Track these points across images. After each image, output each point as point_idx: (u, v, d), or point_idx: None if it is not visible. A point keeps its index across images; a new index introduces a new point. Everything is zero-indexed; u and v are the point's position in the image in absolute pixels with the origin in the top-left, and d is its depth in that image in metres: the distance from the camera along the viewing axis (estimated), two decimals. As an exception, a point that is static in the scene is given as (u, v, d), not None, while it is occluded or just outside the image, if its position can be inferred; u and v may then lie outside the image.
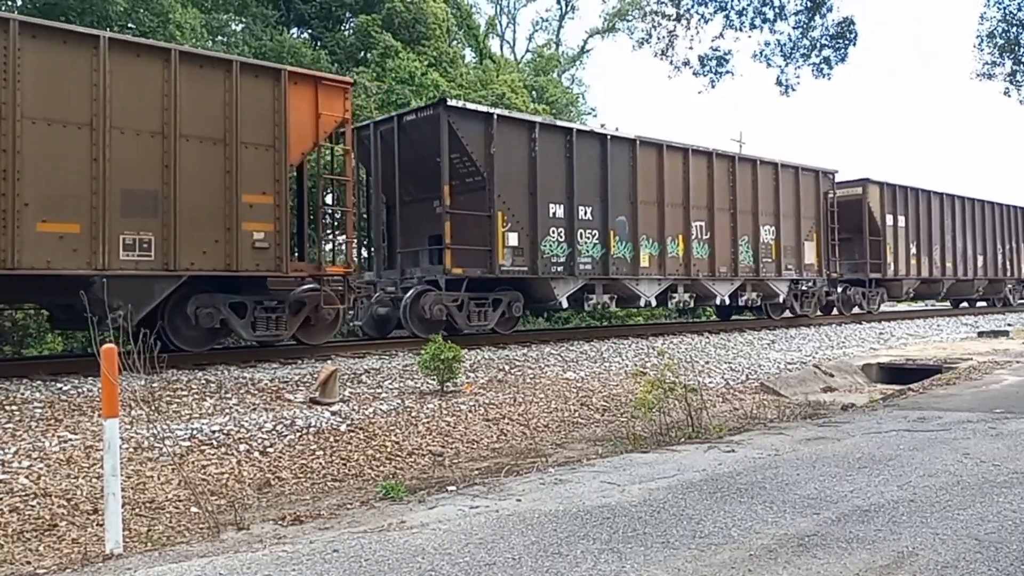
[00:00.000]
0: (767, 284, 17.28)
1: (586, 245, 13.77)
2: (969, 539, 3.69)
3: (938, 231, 22.91)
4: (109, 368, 4.19)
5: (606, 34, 40.36)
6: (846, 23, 13.22)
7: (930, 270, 22.55)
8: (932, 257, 22.65)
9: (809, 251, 18.32)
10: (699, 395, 7.62)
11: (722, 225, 16.12)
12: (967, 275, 24.15)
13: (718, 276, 16.00)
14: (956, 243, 23.69)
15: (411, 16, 23.26)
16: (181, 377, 8.92)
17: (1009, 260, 26.75)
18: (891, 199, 21.32)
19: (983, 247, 25.07)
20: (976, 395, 8.83)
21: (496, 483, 5.18)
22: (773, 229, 17.34)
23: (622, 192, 14.32)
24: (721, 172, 16.20)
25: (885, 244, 20.86)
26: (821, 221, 18.75)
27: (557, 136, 13.59)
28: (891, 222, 21.11)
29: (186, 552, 3.84)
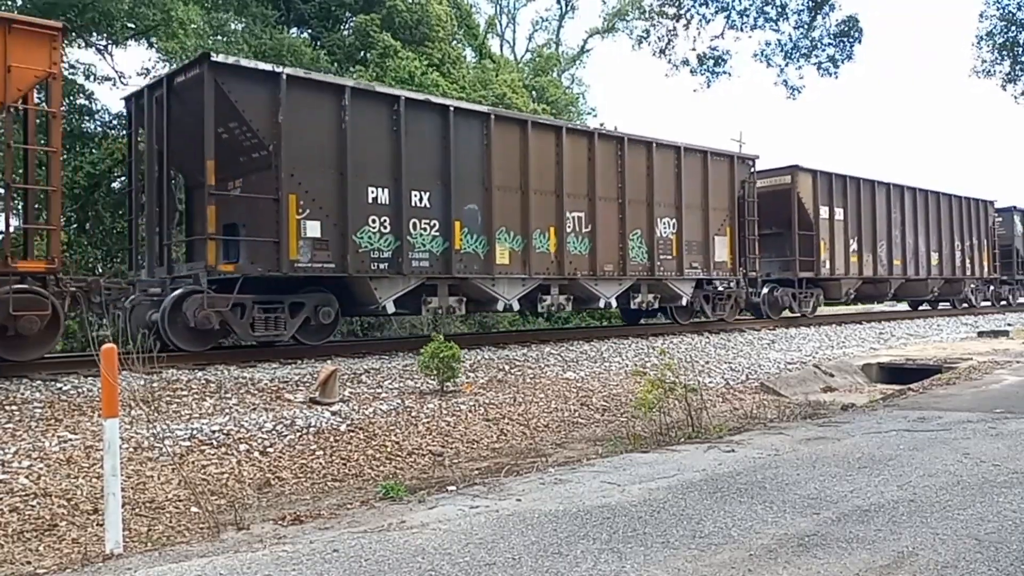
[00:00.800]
0: (667, 285, 14.99)
1: (421, 238, 11.38)
2: (969, 539, 3.69)
3: (884, 225, 20.70)
4: (109, 368, 4.19)
5: (606, 34, 40.35)
6: (850, 21, 13.21)
7: (875, 269, 20.39)
8: (877, 254, 20.43)
9: (721, 247, 15.92)
10: (699, 395, 7.62)
11: (607, 217, 13.85)
12: (919, 274, 22.12)
13: (602, 275, 13.77)
14: (907, 239, 21.53)
15: (415, 17, 23.25)
16: (181, 377, 8.92)
17: (969, 258, 24.46)
18: (826, 189, 19.04)
19: (939, 243, 22.94)
20: (976, 395, 8.83)
21: (496, 483, 5.18)
22: (673, 222, 14.97)
23: (472, 176, 12.01)
24: (606, 155, 13.89)
25: (819, 239, 18.64)
26: (736, 213, 16.32)
27: (379, 105, 11.05)
28: (826, 215, 18.88)
29: (186, 552, 3.84)
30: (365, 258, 10.83)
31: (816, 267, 18.71)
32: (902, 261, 21.47)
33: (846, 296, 20.23)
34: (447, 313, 12.44)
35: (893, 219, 21.10)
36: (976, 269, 24.96)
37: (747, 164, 16.87)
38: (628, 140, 14.28)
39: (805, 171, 18.77)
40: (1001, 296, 27.57)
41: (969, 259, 24.52)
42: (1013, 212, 27.95)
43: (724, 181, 16.19)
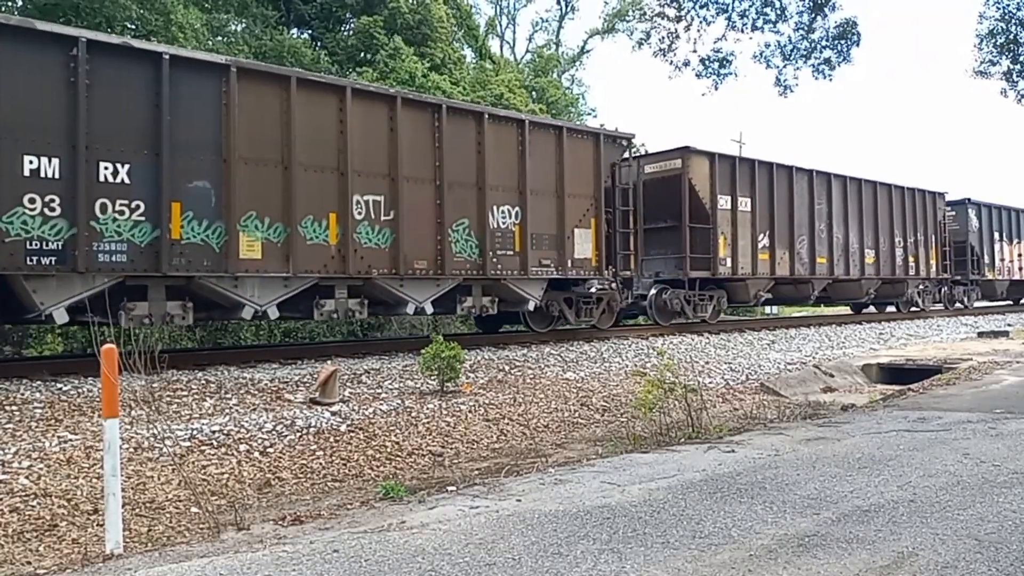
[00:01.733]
0: (507, 286, 12.33)
1: (116, 224, 8.61)
2: (969, 539, 3.69)
3: (805, 218, 18.04)
4: (109, 368, 4.19)
5: (606, 34, 40.40)
6: (848, 24, 13.23)
7: (792, 268, 17.60)
8: (796, 252, 17.71)
9: (583, 242, 13.34)
10: (699, 395, 7.62)
11: (418, 202, 11.09)
12: (850, 273, 19.52)
13: (410, 274, 10.98)
14: (834, 234, 18.89)
15: (416, 18, 23.29)
16: (181, 377, 8.92)
17: (914, 256, 21.80)
18: (728, 176, 16.36)
19: (875, 239, 20.36)
20: (976, 395, 8.83)
21: (496, 483, 5.18)
22: (516, 210, 12.33)
23: (200, 144, 9.22)
24: (416, 127, 11.15)
25: (717, 234, 15.95)
26: (605, 202, 13.73)
27: (45, 49, 8.24)
28: (727, 205, 16.22)
29: (186, 552, 3.84)
30: (16, 249, 8.03)
31: (713, 265, 16.01)
32: (828, 259, 18.76)
33: (755, 299, 17.55)
34: (163, 323, 9.29)
35: (817, 211, 18.42)
36: (922, 268, 22.37)
37: (619, 144, 14.08)
38: (448, 109, 11.58)
39: (699, 154, 16.18)
40: (954, 298, 24.82)
41: (913, 257, 21.88)
42: (967, 205, 24.93)
43: (587, 163, 13.44)
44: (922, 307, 23.04)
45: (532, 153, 12.59)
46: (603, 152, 13.71)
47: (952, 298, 24.73)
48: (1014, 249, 27.18)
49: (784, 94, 14.18)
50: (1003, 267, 26.60)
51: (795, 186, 17.91)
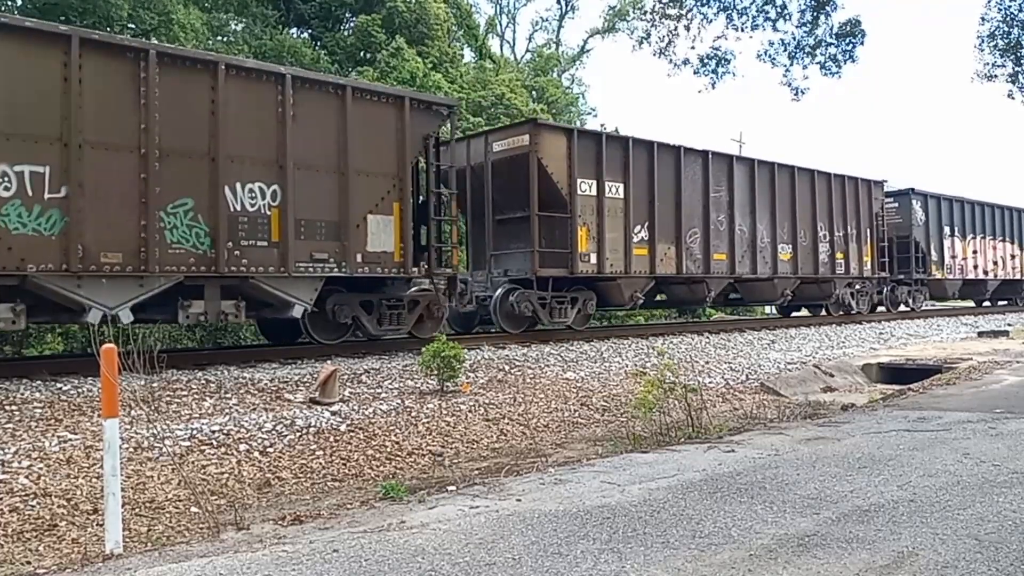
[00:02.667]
0: (259, 286, 9.71)
1: None
2: (969, 539, 3.69)
3: (698, 208, 15.51)
4: (109, 368, 4.19)
5: (606, 34, 40.40)
6: (852, 23, 13.22)
7: (679, 265, 15.14)
8: (685, 246, 15.24)
9: (381, 231, 10.67)
10: (699, 395, 7.62)
11: (109, 175, 8.56)
12: (758, 272, 16.79)
13: (94, 271, 8.50)
14: (737, 227, 16.24)
15: (413, 16, 23.30)
16: (181, 377, 8.92)
17: (843, 252, 19.19)
18: (592, 156, 13.79)
19: (792, 233, 17.68)
20: (976, 395, 8.83)
21: (496, 483, 5.18)
22: (273, 189, 9.75)
23: None
24: (111, 79, 8.64)
25: (576, 224, 13.43)
26: (416, 183, 11.48)
27: None
28: (591, 190, 13.76)
29: (186, 552, 3.84)
30: None
31: (571, 262, 13.46)
32: (728, 255, 16.14)
33: (632, 301, 14.66)
34: None
35: (714, 200, 15.85)
36: (853, 266, 19.67)
37: (435, 113, 11.39)
38: (162, 56, 8.97)
39: (552, 130, 13.89)
40: (897, 299, 22.40)
41: (842, 254, 19.25)
42: (911, 196, 22.48)
43: (386, 134, 10.75)
44: (856, 310, 20.30)
45: (300, 117, 9.93)
46: (411, 121, 10.91)
47: (895, 299, 22.24)
48: (968, 245, 24.54)
49: (797, 97, 14.11)
50: (954, 265, 23.94)
51: (684, 170, 15.22)
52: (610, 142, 14.30)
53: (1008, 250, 26.49)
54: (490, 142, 13.95)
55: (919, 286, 22.92)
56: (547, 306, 13.60)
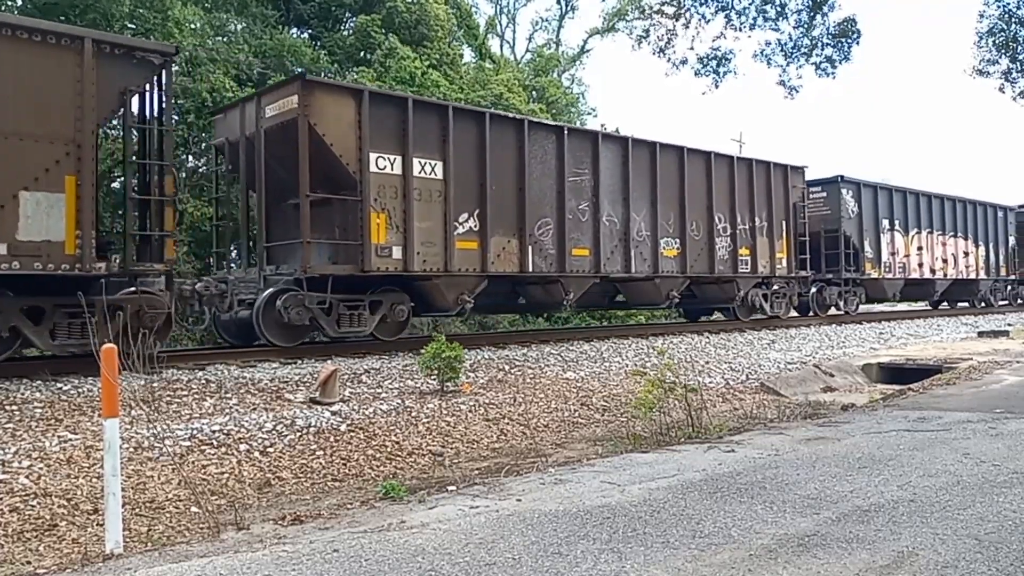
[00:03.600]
0: None
1: None
2: (969, 539, 3.69)
3: (550, 194, 13.11)
4: (109, 368, 4.19)
5: (606, 34, 40.39)
6: (848, 22, 13.23)
7: (523, 262, 12.68)
8: (532, 240, 12.80)
9: (42, 215, 8.16)
10: (699, 395, 7.63)
11: None
12: (634, 270, 14.40)
13: None
14: (603, 217, 13.82)
15: (413, 17, 23.29)
16: (181, 377, 8.92)
17: (749, 247, 16.72)
18: (395, 126, 11.10)
19: (681, 226, 15.23)
20: (976, 395, 8.83)
21: (496, 483, 5.18)
22: None
23: None
24: None
25: (368, 210, 10.80)
26: (93, 154, 8.58)
27: None
28: (394, 168, 11.09)
29: (186, 552, 3.84)
30: None
31: (363, 257, 10.84)
32: (592, 251, 13.70)
33: (458, 304, 12.01)
34: None
35: (572, 185, 13.35)
36: (764, 264, 17.04)
37: (140, 61, 8.76)
38: None
39: (332, 90, 10.97)
40: (826, 301, 19.78)
41: (748, 250, 16.68)
42: (840, 185, 19.88)
43: (55, 86, 8.19)
44: (771, 313, 17.62)
45: None
46: (98, 71, 8.43)
47: (823, 301, 19.76)
48: (911, 241, 22.07)
49: (791, 95, 14.11)
50: (894, 263, 21.32)
51: (529, 148, 12.70)
52: (421, 110, 11.51)
53: (960, 247, 24.15)
54: (263, 106, 11.18)
55: (853, 287, 20.46)
56: (333, 312, 10.92)
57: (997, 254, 26.01)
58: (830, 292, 19.80)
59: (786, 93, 14.07)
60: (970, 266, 24.62)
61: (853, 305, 20.65)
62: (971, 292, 25.43)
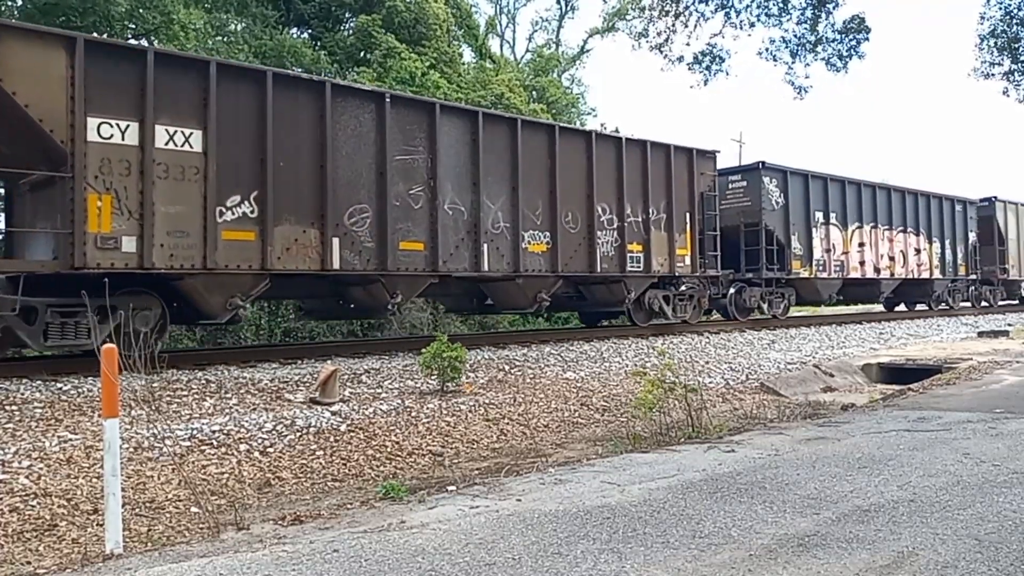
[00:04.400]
0: None
1: None
2: (969, 539, 3.69)
3: (369, 175, 10.68)
4: (109, 368, 4.19)
5: (606, 34, 40.41)
6: (857, 19, 13.21)
7: (324, 257, 10.20)
8: (340, 229, 10.36)
9: None
10: (699, 395, 7.62)
11: None
12: (485, 267, 11.97)
13: None
14: (441, 204, 11.41)
15: (412, 16, 23.30)
16: (181, 377, 8.92)
17: (641, 243, 14.17)
18: (129, 84, 8.77)
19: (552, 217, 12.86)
20: (976, 395, 8.83)
21: (496, 483, 5.18)
22: None
23: None
24: None
25: (83, 190, 8.47)
26: None
27: None
28: (125, 137, 8.76)
29: (186, 552, 3.84)
30: None
31: (76, 249, 8.45)
32: (429, 244, 11.29)
33: (229, 309, 9.60)
34: None
35: (402, 166, 10.97)
36: (660, 262, 14.66)
37: None
38: None
39: (32, 37, 8.35)
40: (745, 304, 17.54)
41: (640, 245, 14.31)
42: (761, 172, 17.52)
43: None
44: (673, 318, 15.41)
45: None
46: None
47: (743, 304, 17.53)
48: (851, 237, 19.84)
49: (800, 95, 14.08)
50: (828, 261, 19.08)
51: (334, 118, 10.29)
52: (167, 65, 9.11)
53: (912, 243, 21.95)
54: None
55: (779, 288, 18.27)
56: (39, 320, 8.41)
57: (955, 252, 23.93)
58: (751, 294, 17.56)
59: (795, 93, 14.07)
60: (922, 264, 22.41)
61: (780, 308, 18.34)
62: (925, 293, 23.29)
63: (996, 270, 25.90)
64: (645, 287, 14.71)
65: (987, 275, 25.79)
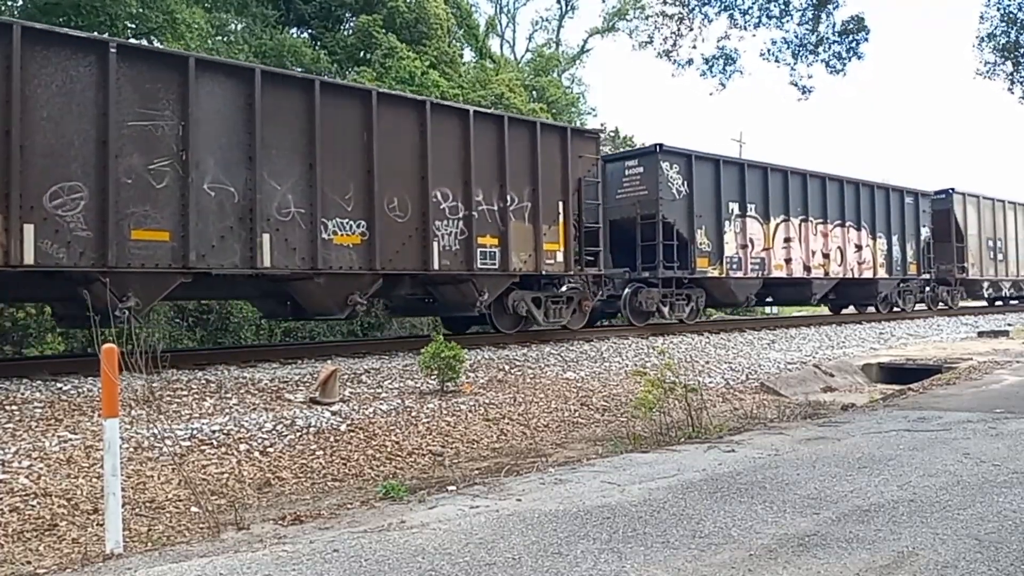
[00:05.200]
0: None
1: None
2: (969, 539, 3.69)
3: (87, 146, 8.47)
4: (109, 368, 4.19)
5: (606, 34, 40.42)
6: (856, 20, 13.21)
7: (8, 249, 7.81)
8: (34, 213, 8.05)
9: None
10: (699, 395, 7.62)
11: None
12: (266, 262, 9.65)
13: None
14: (195, 181, 9.11)
15: (413, 16, 23.30)
16: (181, 377, 8.92)
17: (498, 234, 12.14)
18: None
19: (366, 201, 10.61)
20: (976, 395, 8.83)
21: (496, 483, 5.18)
22: None
23: None
24: None
25: None
26: None
27: None
28: None
29: (186, 552, 3.84)
30: None
31: None
32: (176, 234, 9.01)
33: None
34: None
35: (139, 133, 8.78)
36: (523, 259, 12.45)
37: None
38: None
39: None
40: (642, 307, 15.31)
41: (496, 238, 12.07)
42: (658, 157, 15.34)
43: None
44: (546, 323, 13.23)
45: None
46: None
47: (639, 307, 15.35)
48: (775, 231, 17.47)
49: (804, 96, 14.04)
50: (744, 258, 16.70)
51: (21, 71, 7.98)
52: None
53: (852, 239, 19.64)
54: None
55: (685, 288, 16.02)
56: None
57: (904, 249, 21.47)
58: (647, 296, 15.26)
59: (799, 95, 14.06)
60: (864, 263, 20.00)
61: (685, 312, 16.02)
62: (869, 295, 21.01)
63: (953, 268, 23.58)
64: (504, 288, 12.45)
65: (943, 274, 23.52)
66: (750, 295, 17.41)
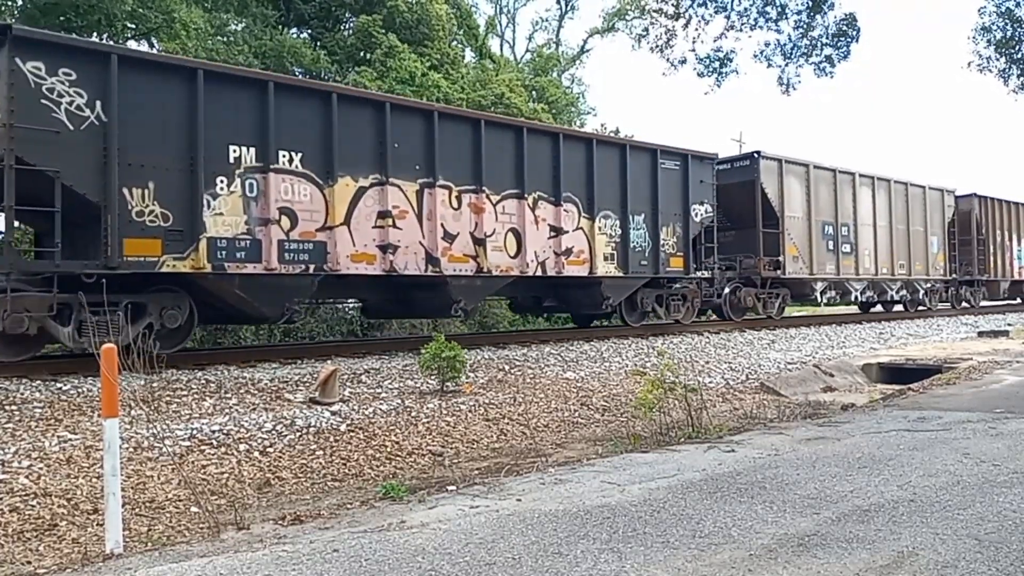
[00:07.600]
0: None
1: None
2: (969, 539, 3.69)
3: None
4: (109, 368, 4.19)
5: (606, 34, 40.42)
6: (848, 20, 13.21)
7: None
8: None
9: None
10: (699, 395, 7.62)
11: None
12: None
13: None
14: None
15: (415, 17, 23.29)
16: (181, 377, 8.92)
17: None
18: None
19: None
20: (976, 395, 8.83)
21: (496, 483, 5.18)
22: None
23: None
24: None
25: None
26: None
27: None
28: None
29: (186, 552, 3.84)
30: None
31: None
32: None
33: None
34: None
35: None
36: None
37: None
38: None
39: None
40: None
41: None
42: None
43: None
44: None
45: None
46: None
47: None
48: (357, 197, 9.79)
49: (787, 92, 14.08)
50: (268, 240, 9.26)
51: None
52: None
53: (544, 217, 12.67)
54: None
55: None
56: None
57: (656, 236, 14.46)
58: None
59: (783, 89, 14.05)
60: (575, 254, 13.16)
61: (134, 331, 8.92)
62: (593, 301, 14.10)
63: (764, 262, 16.97)
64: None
65: (748, 271, 17.14)
66: (287, 302, 10.15)
